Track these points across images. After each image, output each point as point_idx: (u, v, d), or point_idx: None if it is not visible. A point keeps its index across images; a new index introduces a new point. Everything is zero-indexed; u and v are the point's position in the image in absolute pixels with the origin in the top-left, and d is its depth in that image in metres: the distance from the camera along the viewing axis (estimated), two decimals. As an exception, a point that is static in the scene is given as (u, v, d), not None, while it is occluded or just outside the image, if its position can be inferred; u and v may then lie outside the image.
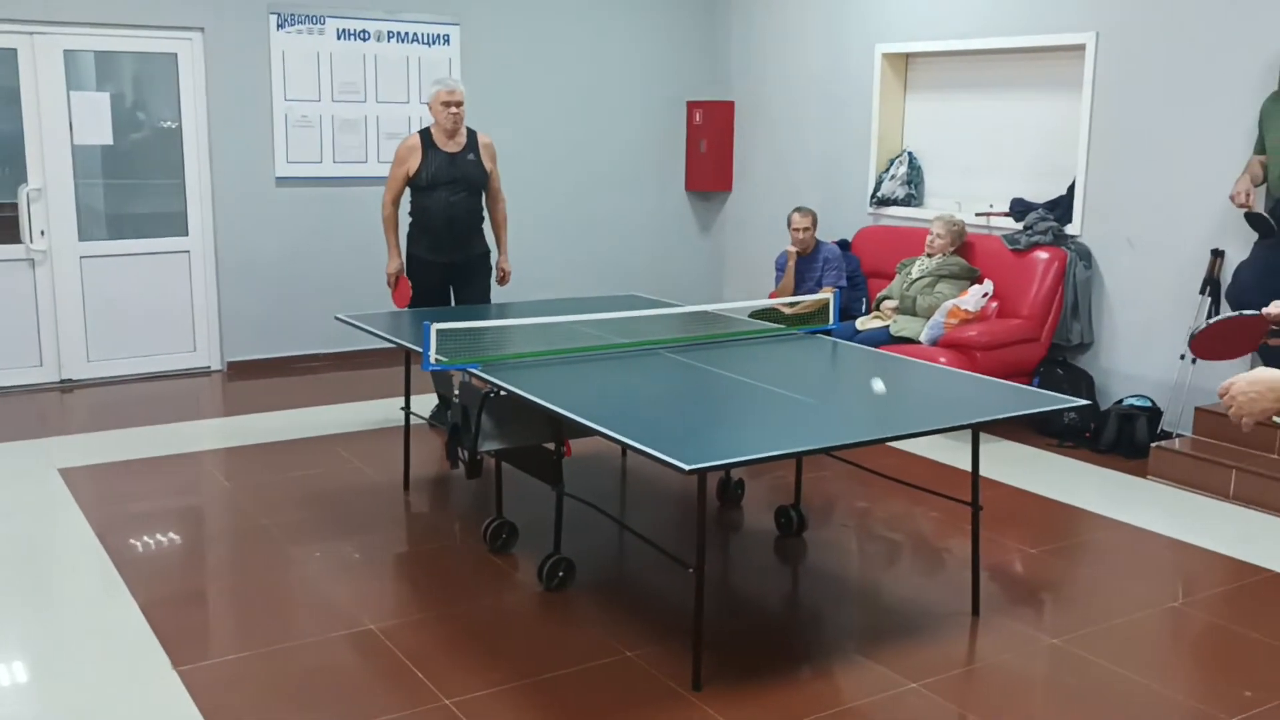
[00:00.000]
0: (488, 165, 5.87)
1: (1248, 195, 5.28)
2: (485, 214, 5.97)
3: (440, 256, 5.78)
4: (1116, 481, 5.44)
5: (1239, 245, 5.50)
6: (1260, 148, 5.31)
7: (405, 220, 5.89)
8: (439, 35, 7.78)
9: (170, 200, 7.23)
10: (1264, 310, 2.61)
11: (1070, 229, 6.38)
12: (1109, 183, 6.20)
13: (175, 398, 6.84)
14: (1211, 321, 2.56)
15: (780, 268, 7.14)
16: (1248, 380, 2.29)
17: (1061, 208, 6.47)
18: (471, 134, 5.82)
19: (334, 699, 3.33)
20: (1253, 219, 5.25)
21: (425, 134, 5.77)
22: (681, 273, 8.91)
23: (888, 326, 6.47)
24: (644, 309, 5.12)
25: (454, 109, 5.66)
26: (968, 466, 4.04)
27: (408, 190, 5.78)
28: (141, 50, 6.99)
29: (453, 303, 5.87)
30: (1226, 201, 5.39)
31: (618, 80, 8.46)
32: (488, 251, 5.98)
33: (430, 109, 5.76)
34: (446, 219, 5.73)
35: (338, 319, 5.24)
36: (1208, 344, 2.64)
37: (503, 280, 6.07)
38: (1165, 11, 5.85)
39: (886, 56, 7.44)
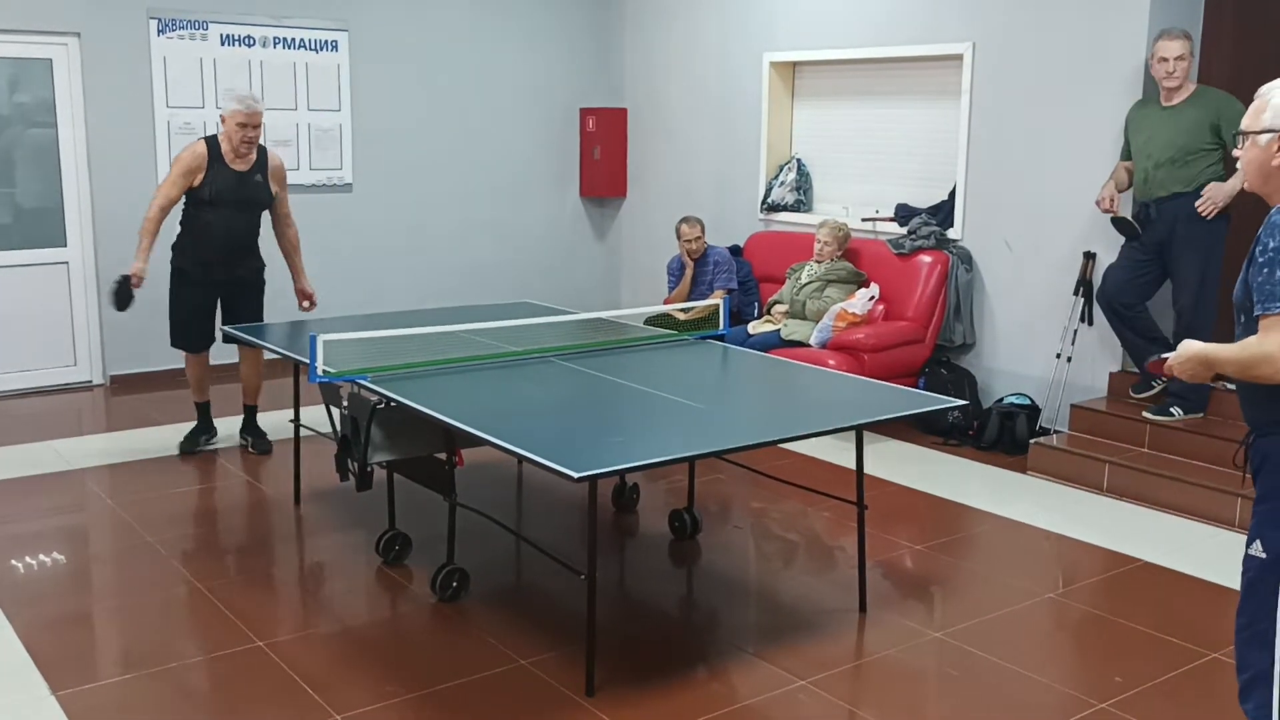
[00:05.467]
0: (274, 188, 5.60)
1: (1112, 200, 5.51)
2: (260, 233, 5.70)
3: (210, 274, 5.54)
4: (998, 477, 5.63)
5: (1109, 247, 5.73)
6: (1126, 154, 5.55)
7: (170, 228, 5.61)
8: (327, 41, 7.68)
9: (47, 210, 7.01)
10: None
11: (952, 233, 6.58)
12: (987, 188, 6.41)
13: (55, 413, 6.63)
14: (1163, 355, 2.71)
15: (672, 273, 7.22)
16: (1179, 359, 2.55)
17: (943, 212, 6.66)
18: (262, 152, 5.54)
19: None
20: (1119, 223, 5.47)
21: (214, 146, 5.43)
22: (579, 279, 8.93)
23: (779, 330, 6.58)
24: (537, 317, 5.13)
25: (251, 132, 5.36)
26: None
27: (181, 200, 5.47)
28: (14, 56, 6.76)
29: (219, 322, 5.66)
30: (1096, 205, 5.62)
31: (510, 87, 8.45)
32: (261, 268, 5.73)
33: (223, 122, 5.40)
34: (225, 239, 5.49)
35: (223, 330, 5.14)
36: (1157, 367, 2.74)
37: (310, 305, 5.84)
38: (1037, 23, 6.08)
39: (774, 65, 7.58)
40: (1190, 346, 2.54)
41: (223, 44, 7.32)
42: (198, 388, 5.85)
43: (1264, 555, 2.41)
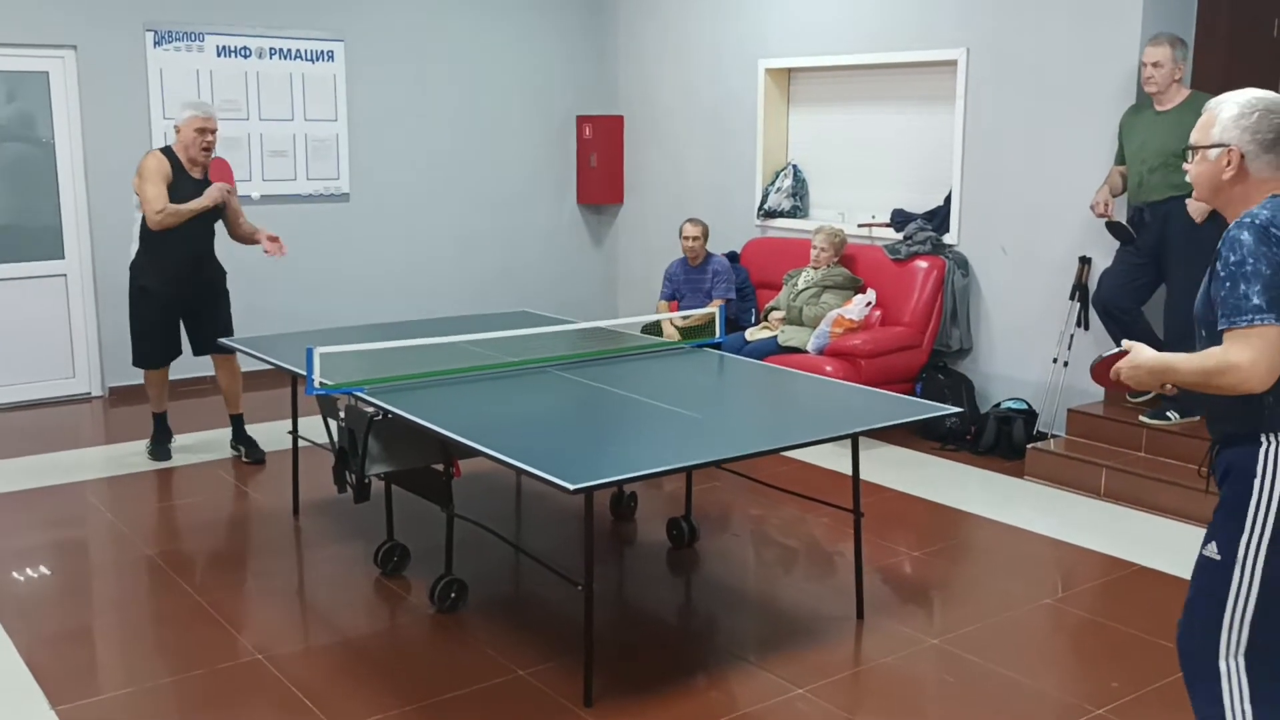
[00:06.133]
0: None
1: (1107, 205, 5.52)
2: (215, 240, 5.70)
3: (174, 289, 5.50)
4: (995, 482, 5.63)
5: (1104, 252, 5.75)
6: (1120, 158, 5.56)
7: (124, 245, 5.56)
8: (323, 52, 7.70)
9: (45, 222, 7.02)
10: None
11: (948, 238, 6.59)
12: (982, 193, 6.42)
13: (54, 426, 6.64)
14: (1105, 355, 2.77)
15: (670, 277, 7.24)
16: (1130, 366, 2.60)
17: (939, 218, 6.68)
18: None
19: (221, 732, 3.28)
20: (1114, 227, 5.49)
21: (172, 156, 5.35)
22: (576, 286, 8.95)
23: (776, 337, 6.59)
24: (534, 326, 5.14)
25: (209, 138, 5.32)
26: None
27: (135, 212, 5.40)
28: (11, 69, 6.78)
29: (184, 335, 5.67)
30: (1090, 210, 5.63)
31: (507, 95, 8.47)
32: (224, 275, 5.73)
33: (178, 132, 5.33)
34: (188, 251, 5.44)
35: (220, 342, 5.15)
36: (1102, 373, 2.81)
37: (278, 247, 5.63)
38: (1031, 29, 6.09)
39: (769, 71, 7.59)
40: (1142, 354, 2.58)
41: (219, 55, 7.34)
42: (159, 400, 5.84)
43: (1218, 557, 2.52)
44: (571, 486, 3.03)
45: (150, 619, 4.04)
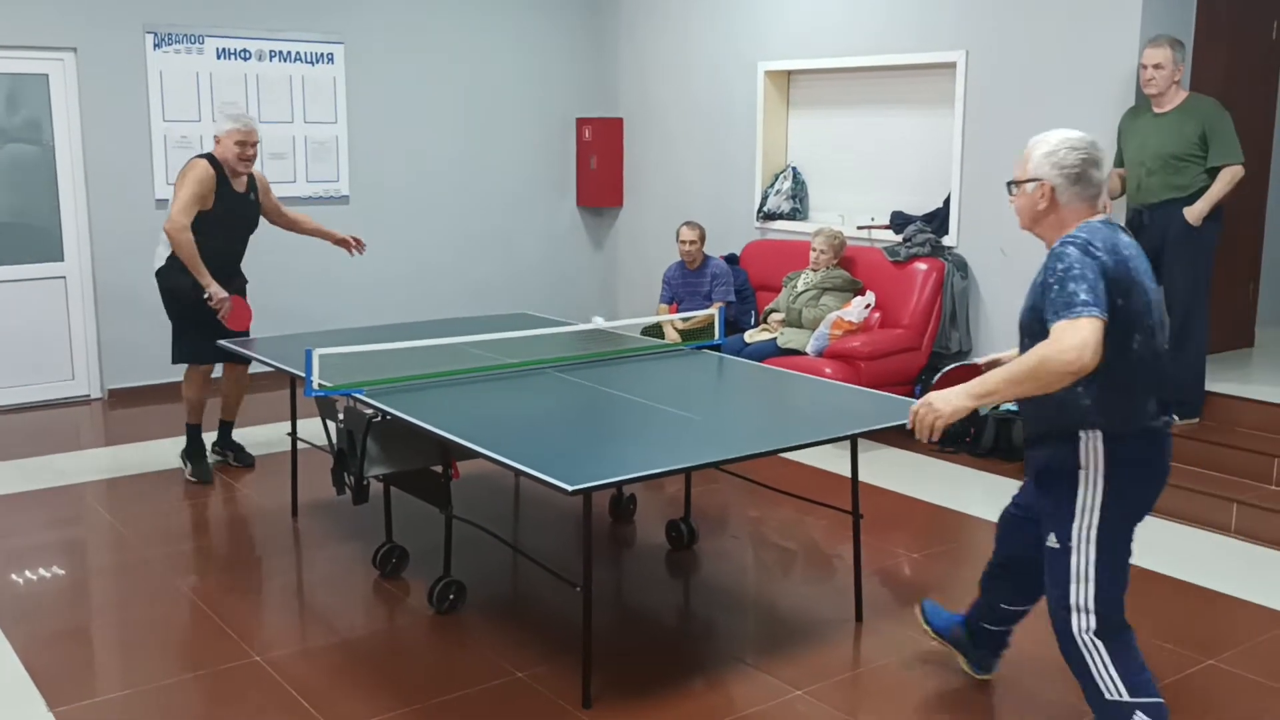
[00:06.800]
0: (264, 200, 5.57)
1: (1106, 207, 5.51)
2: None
3: (202, 293, 5.34)
4: (995, 484, 5.63)
5: (1103, 254, 5.73)
6: (1119, 161, 5.57)
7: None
8: (323, 54, 7.70)
9: (44, 225, 7.03)
10: (979, 361, 3.30)
11: (947, 240, 6.60)
12: (981, 195, 6.43)
13: (53, 428, 6.64)
14: (948, 369, 3.25)
15: (668, 280, 7.24)
16: (924, 407, 2.80)
17: (938, 220, 6.68)
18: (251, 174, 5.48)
19: (219, 734, 3.28)
20: (1114, 230, 5.48)
21: (216, 165, 5.27)
22: (576, 288, 8.95)
23: (775, 339, 6.59)
24: (533, 328, 5.14)
25: (249, 150, 5.28)
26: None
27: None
28: (11, 71, 6.79)
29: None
30: (1091, 213, 5.63)
31: (506, 97, 8.47)
32: (246, 283, 5.68)
33: (218, 143, 5.28)
34: (225, 262, 5.40)
35: (220, 344, 5.15)
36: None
37: (359, 246, 5.89)
38: (1030, 31, 6.10)
39: (769, 74, 7.60)
40: (929, 396, 2.80)
41: (219, 58, 7.34)
42: (198, 407, 5.63)
43: (1058, 546, 2.87)
44: (570, 488, 3.03)
45: (148, 621, 4.03)
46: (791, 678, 3.59)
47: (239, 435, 5.92)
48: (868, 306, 6.44)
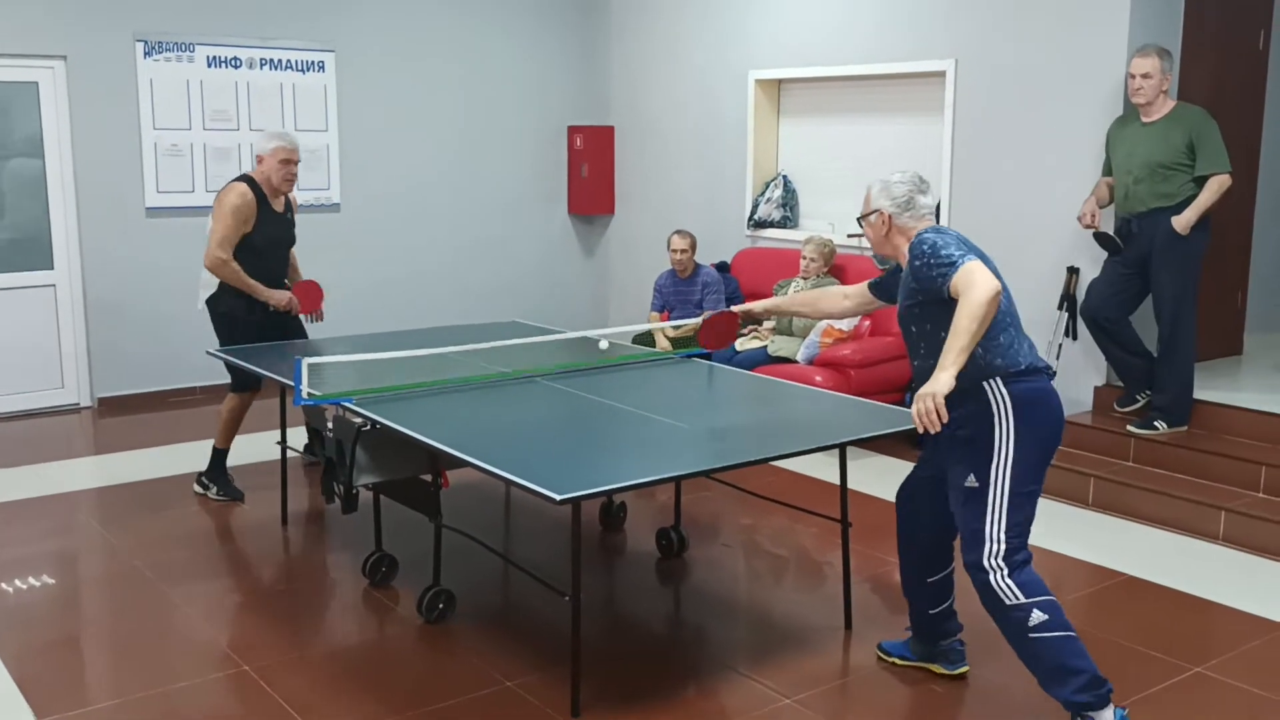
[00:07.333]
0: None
1: (1094, 216, 5.55)
2: None
3: (256, 314, 5.33)
4: (985, 492, 5.64)
5: (1092, 262, 5.77)
6: (1107, 169, 5.59)
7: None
8: (313, 62, 7.71)
9: (34, 232, 7.02)
10: (734, 308, 4.18)
11: (937, 249, 6.60)
12: (971, 203, 6.45)
13: (42, 437, 6.62)
14: (707, 316, 4.26)
15: (659, 289, 7.24)
16: (921, 402, 3.06)
17: (928, 228, 6.68)
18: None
19: (207, 744, 3.27)
20: (1101, 238, 5.51)
21: (255, 187, 5.22)
22: (568, 296, 8.96)
23: (765, 347, 6.60)
24: (524, 336, 5.14)
25: (293, 168, 5.26)
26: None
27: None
28: (0, 80, 6.78)
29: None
30: (1078, 221, 5.66)
31: (498, 106, 8.48)
32: (288, 288, 5.59)
33: (262, 162, 5.23)
34: (272, 282, 5.34)
35: (209, 353, 5.15)
36: (707, 335, 4.18)
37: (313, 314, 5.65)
38: (1018, 41, 6.12)
39: (759, 82, 7.62)
40: (919, 393, 3.07)
41: (209, 66, 7.34)
42: (230, 432, 5.50)
43: (977, 485, 3.22)
44: (558, 497, 3.03)
45: (137, 630, 4.02)
46: (781, 685, 3.60)
47: (235, 444, 5.90)
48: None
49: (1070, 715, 3.23)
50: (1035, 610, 3.18)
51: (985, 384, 3.18)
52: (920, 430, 3.07)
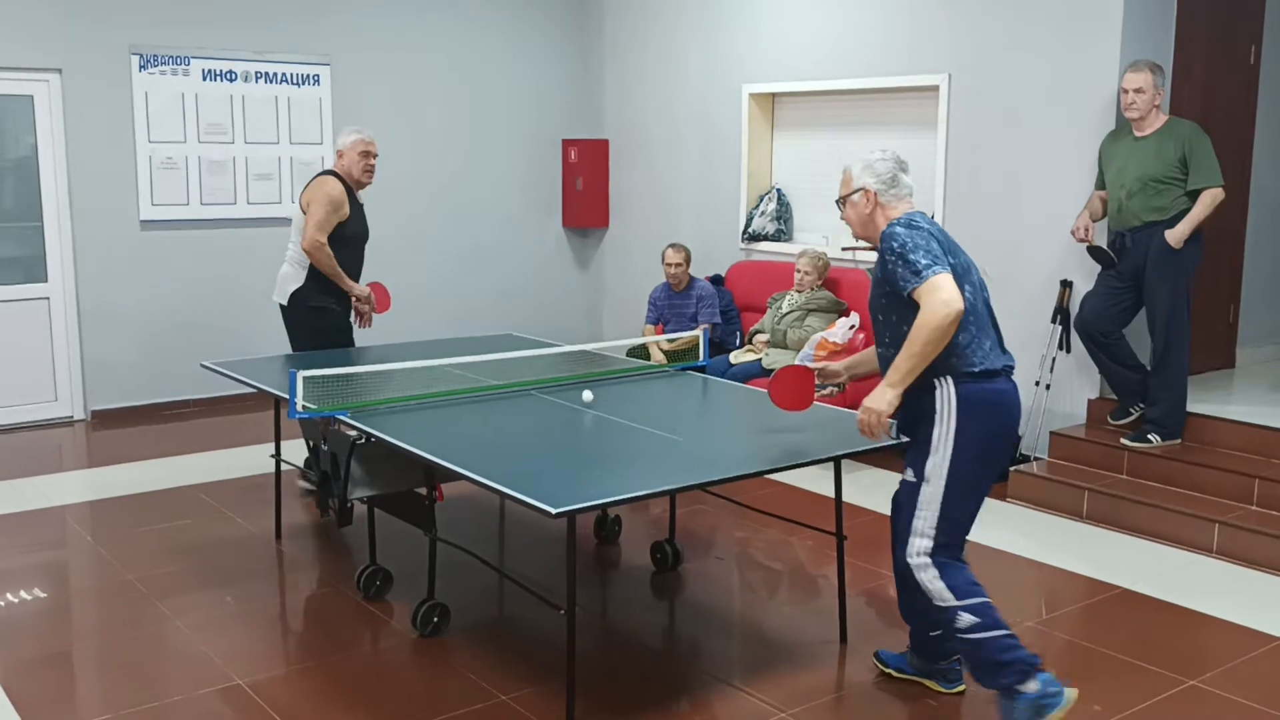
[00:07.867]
0: None
1: (1087, 230, 5.57)
2: None
3: (345, 306, 5.53)
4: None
5: (1086, 275, 5.79)
6: (1100, 184, 5.61)
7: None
8: (309, 75, 7.72)
9: (28, 246, 7.01)
10: (811, 365, 3.97)
11: (931, 262, 6.61)
12: (964, 217, 6.46)
13: (35, 449, 6.60)
14: (780, 370, 3.85)
15: (654, 302, 7.25)
16: (865, 415, 3.31)
17: (922, 242, 6.70)
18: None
19: (201, 759, 3.26)
20: (1094, 252, 5.53)
21: (343, 180, 5.40)
22: (562, 309, 8.96)
23: (760, 360, 6.61)
24: (519, 349, 5.14)
25: (372, 160, 5.44)
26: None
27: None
28: (-6, 92, 6.80)
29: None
30: (1071, 235, 5.68)
31: (492, 119, 8.50)
32: None
33: (343, 156, 5.43)
34: (353, 273, 5.49)
35: (204, 366, 5.14)
36: (780, 391, 3.86)
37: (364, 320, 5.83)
38: (1012, 55, 6.15)
39: (754, 96, 7.64)
40: (863, 403, 3.28)
41: (204, 79, 7.35)
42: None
43: (914, 480, 3.31)
44: (553, 510, 3.03)
45: (130, 644, 4.01)
46: (776, 699, 3.59)
47: (229, 457, 5.91)
48: (852, 327, 6.47)
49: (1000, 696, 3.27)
50: (963, 613, 3.22)
51: (936, 380, 3.24)
52: (863, 435, 3.29)
